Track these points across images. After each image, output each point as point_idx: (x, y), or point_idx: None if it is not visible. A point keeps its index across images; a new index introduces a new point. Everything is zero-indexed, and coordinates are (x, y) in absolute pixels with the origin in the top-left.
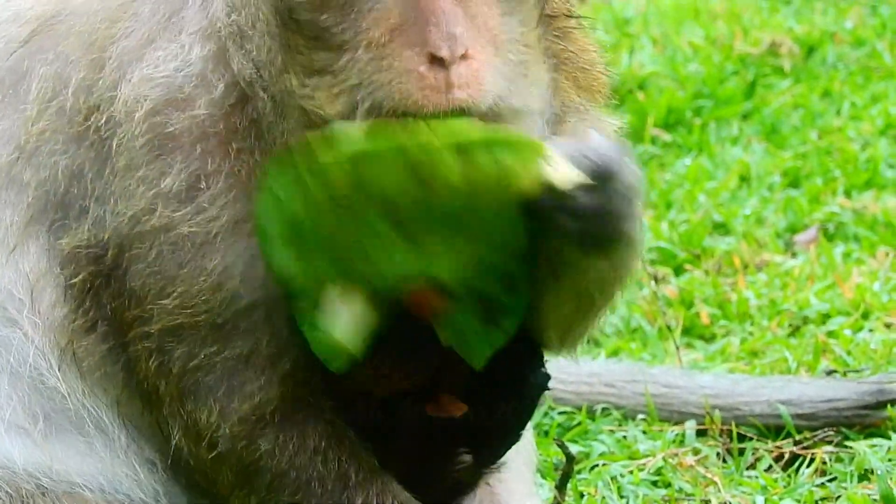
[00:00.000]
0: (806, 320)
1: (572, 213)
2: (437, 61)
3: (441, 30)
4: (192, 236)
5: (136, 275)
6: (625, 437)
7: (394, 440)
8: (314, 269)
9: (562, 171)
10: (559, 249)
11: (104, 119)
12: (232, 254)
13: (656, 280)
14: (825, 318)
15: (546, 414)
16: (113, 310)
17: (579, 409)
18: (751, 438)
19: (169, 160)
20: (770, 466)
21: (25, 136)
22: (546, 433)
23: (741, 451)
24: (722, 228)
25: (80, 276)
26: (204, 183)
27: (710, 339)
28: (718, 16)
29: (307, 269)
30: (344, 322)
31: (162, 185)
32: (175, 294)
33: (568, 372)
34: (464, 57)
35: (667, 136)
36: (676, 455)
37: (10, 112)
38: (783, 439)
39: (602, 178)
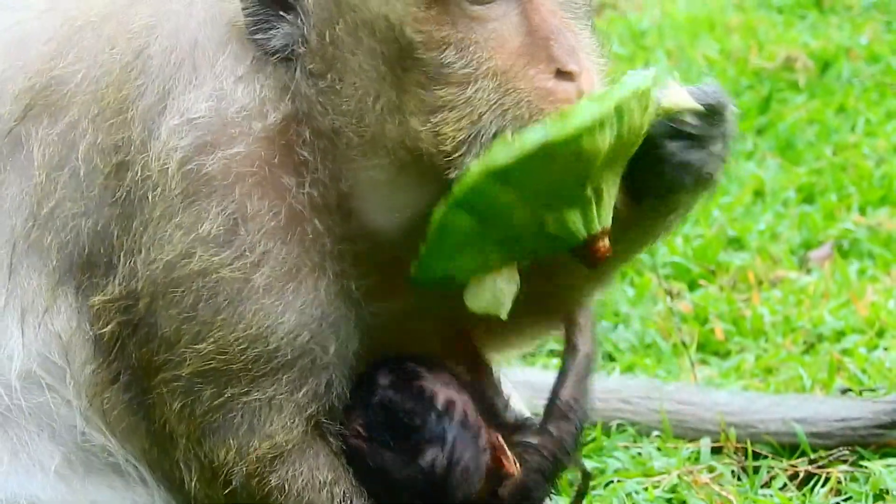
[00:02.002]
0: (821, 338)
1: (688, 136)
2: (563, 75)
3: (562, 46)
4: (231, 282)
5: (169, 320)
6: (639, 453)
7: None
8: (485, 259)
9: (680, 97)
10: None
11: (135, 177)
12: (275, 304)
13: (671, 295)
14: (840, 335)
15: None
16: (139, 357)
17: (594, 425)
18: (766, 457)
19: (205, 204)
20: (785, 485)
21: (38, 203)
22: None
23: (756, 470)
24: (736, 244)
25: (109, 328)
26: (243, 226)
27: (725, 355)
28: (733, 29)
29: (477, 262)
30: (501, 295)
31: (200, 230)
32: (211, 339)
33: None
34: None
35: None
36: (691, 472)
37: (15, 178)
38: (798, 458)
39: (714, 110)
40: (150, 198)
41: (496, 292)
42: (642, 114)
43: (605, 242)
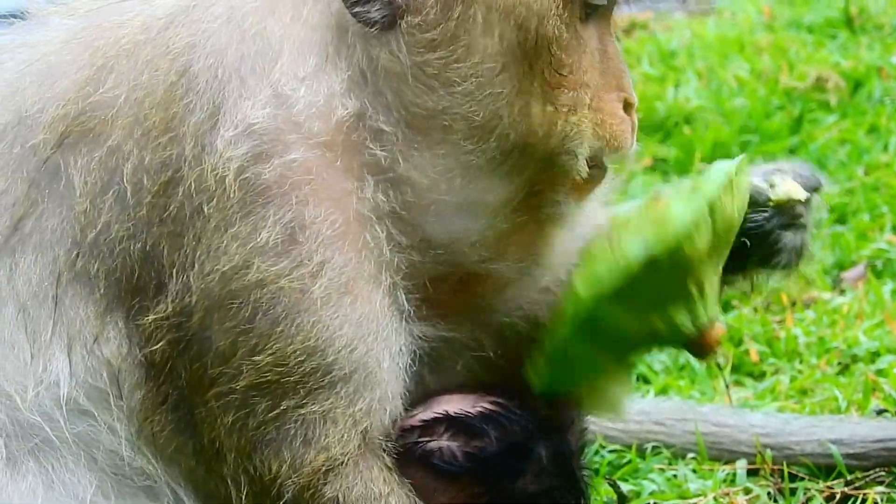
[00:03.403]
0: (855, 358)
1: (799, 226)
2: (628, 107)
3: (629, 78)
4: (289, 292)
5: (225, 334)
6: (675, 475)
7: None
8: (601, 371)
9: (792, 190)
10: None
11: (187, 191)
12: (333, 316)
13: None
14: (874, 356)
15: (597, 452)
16: (189, 374)
17: (629, 447)
18: (802, 478)
19: (262, 213)
20: None
21: (81, 231)
22: (597, 471)
23: (793, 491)
24: None
25: (160, 347)
26: (301, 235)
27: (760, 376)
28: (764, 49)
29: (594, 375)
30: (617, 399)
31: (257, 240)
32: (269, 352)
33: None
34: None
35: None
36: (727, 495)
37: (55, 209)
38: (834, 479)
39: (814, 191)
40: (204, 210)
41: (613, 398)
42: (734, 204)
43: (714, 333)
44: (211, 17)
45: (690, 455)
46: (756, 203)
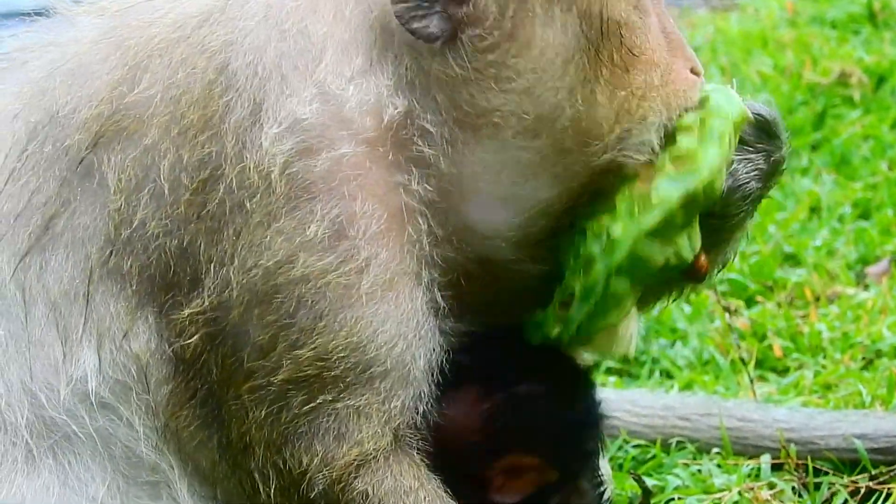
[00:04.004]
0: (879, 353)
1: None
2: (694, 74)
3: (690, 49)
4: (334, 288)
5: (265, 328)
6: (699, 470)
7: None
8: (627, 310)
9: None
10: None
11: (228, 187)
12: (377, 312)
13: (729, 312)
14: None
15: (620, 447)
16: (222, 368)
17: (654, 442)
18: (826, 473)
19: (309, 208)
20: (846, 501)
21: (115, 228)
22: (621, 467)
23: (817, 486)
24: (793, 260)
25: (193, 341)
26: (348, 230)
27: (784, 371)
28: (787, 45)
29: (621, 315)
30: (632, 336)
31: (303, 235)
32: (311, 346)
33: (642, 405)
34: None
35: None
36: (752, 489)
37: (87, 207)
38: (859, 474)
39: (764, 124)
40: (246, 206)
41: (627, 334)
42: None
43: (703, 256)
44: (248, 15)
45: (715, 450)
46: None
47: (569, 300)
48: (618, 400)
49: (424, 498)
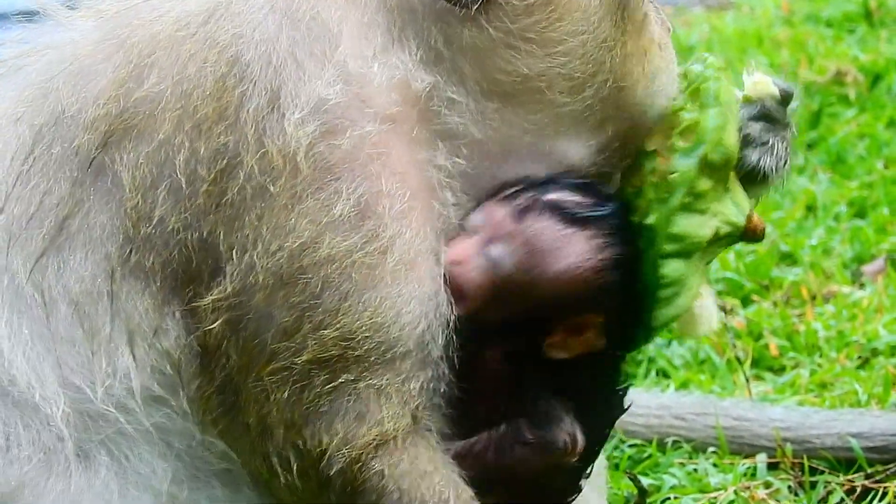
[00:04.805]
0: (875, 352)
1: (772, 122)
2: None
3: None
4: (360, 267)
5: (290, 309)
6: (695, 470)
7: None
8: (694, 291)
9: (765, 85)
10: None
11: (249, 175)
12: (401, 291)
13: (725, 311)
14: (894, 350)
15: (617, 447)
16: (243, 350)
17: (650, 441)
18: (822, 472)
19: (334, 188)
20: (842, 500)
21: (134, 226)
22: (617, 466)
23: (813, 485)
24: (789, 259)
25: (215, 328)
26: (373, 210)
27: (780, 370)
28: (782, 44)
29: (690, 298)
30: (712, 312)
31: (328, 216)
32: (335, 326)
33: (638, 404)
34: None
35: None
36: (748, 488)
37: (102, 206)
38: (855, 473)
39: (787, 100)
40: (271, 190)
41: (706, 311)
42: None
43: (755, 216)
44: (254, 8)
45: (711, 449)
46: None
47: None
48: None
49: (439, 482)
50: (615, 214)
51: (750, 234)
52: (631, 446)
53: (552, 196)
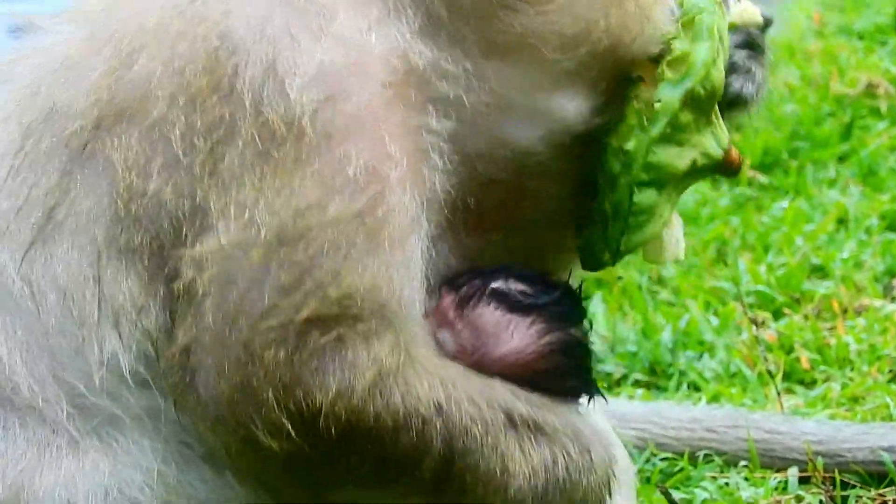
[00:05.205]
0: None
1: (756, 50)
2: None
3: None
4: (363, 230)
5: (290, 267)
6: (727, 483)
7: None
8: (663, 219)
9: (751, 12)
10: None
11: (246, 140)
12: (396, 256)
13: (756, 325)
14: None
15: (648, 460)
16: (227, 310)
17: (681, 455)
18: (854, 486)
19: (344, 149)
20: None
21: (125, 205)
22: (648, 480)
23: (844, 499)
24: (820, 272)
25: (195, 285)
26: (381, 171)
27: (811, 384)
28: (814, 56)
29: (659, 225)
30: (678, 240)
31: (339, 177)
32: (334, 286)
33: (669, 417)
34: None
35: (763, 178)
36: (779, 502)
37: (88, 192)
38: (886, 487)
39: (767, 25)
40: (274, 155)
41: (673, 239)
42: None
43: (734, 152)
44: None
45: (742, 463)
46: None
47: (605, 220)
48: (645, 412)
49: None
50: (558, 302)
51: (727, 166)
52: (662, 459)
53: (496, 285)
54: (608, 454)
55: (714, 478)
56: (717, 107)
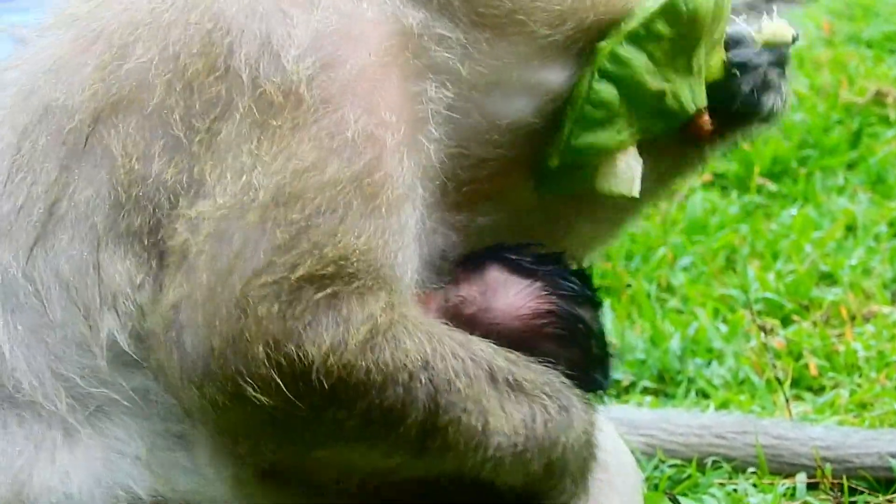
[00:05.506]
0: None
1: (786, 67)
2: None
3: None
4: (359, 194)
5: (288, 227)
6: (735, 490)
7: None
8: (619, 137)
9: (782, 30)
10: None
11: (245, 113)
12: (391, 221)
13: (764, 332)
14: None
15: (657, 467)
16: (220, 266)
17: (689, 461)
18: (862, 492)
19: (341, 114)
20: None
21: (126, 191)
22: (657, 486)
23: None
24: (829, 279)
25: (189, 243)
26: (378, 136)
27: (819, 391)
28: (823, 65)
29: (614, 140)
30: (633, 174)
31: (337, 139)
32: (330, 246)
33: (678, 424)
34: None
35: (772, 186)
36: None
37: (88, 183)
38: (894, 493)
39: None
40: (272, 123)
41: (629, 172)
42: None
43: (706, 118)
44: None
45: (751, 469)
46: (741, 43)
47: (561, 122)
48: (654, 419)
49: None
50: (566, 277)
51: (694, 129)
52: (671, 466)
53: (508, 251)
54: (589, 414)
55: (722, 484)
56: (703, 63)
